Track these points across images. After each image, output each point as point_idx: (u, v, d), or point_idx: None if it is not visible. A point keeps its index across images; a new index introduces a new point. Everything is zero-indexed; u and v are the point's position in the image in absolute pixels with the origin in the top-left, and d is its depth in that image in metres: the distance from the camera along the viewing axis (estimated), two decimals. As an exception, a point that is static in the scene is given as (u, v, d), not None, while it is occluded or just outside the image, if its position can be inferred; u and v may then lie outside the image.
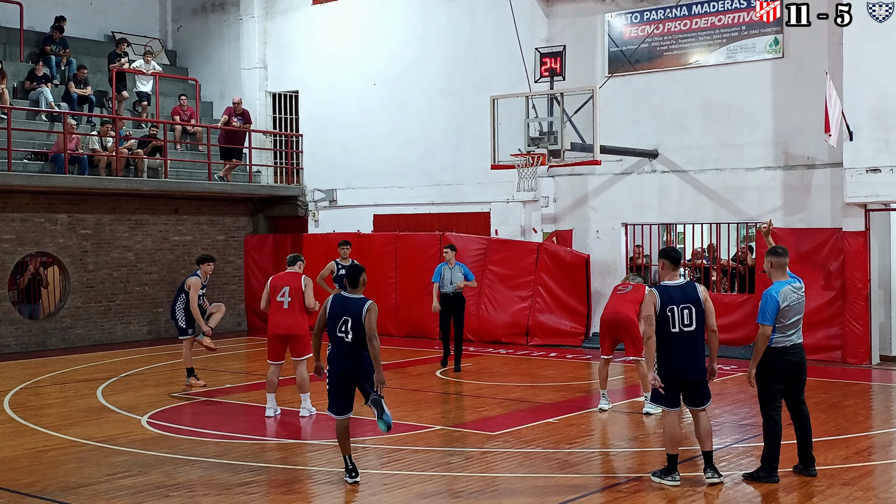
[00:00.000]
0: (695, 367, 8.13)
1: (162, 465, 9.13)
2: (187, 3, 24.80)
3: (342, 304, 8.32)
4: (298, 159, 22.98)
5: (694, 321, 8.08)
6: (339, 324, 8.25)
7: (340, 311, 8.28)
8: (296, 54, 22.84)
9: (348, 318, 8.23)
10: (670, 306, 8.05)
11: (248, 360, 17.95)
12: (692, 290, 8.18)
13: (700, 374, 8.16)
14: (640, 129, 17.98)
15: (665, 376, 8.10)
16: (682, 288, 8.17)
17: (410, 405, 12.11)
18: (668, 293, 8.12)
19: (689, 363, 8.10)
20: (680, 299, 8.08)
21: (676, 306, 8.06)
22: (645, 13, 18.16)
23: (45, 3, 22.46)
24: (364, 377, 8.28)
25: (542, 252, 18.38)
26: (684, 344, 8.06)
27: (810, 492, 7.91)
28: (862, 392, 13.18)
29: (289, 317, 11.41)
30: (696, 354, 8.12)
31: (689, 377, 8.13)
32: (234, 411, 12.14)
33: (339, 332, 8.25)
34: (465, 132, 19.90)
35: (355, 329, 8.20)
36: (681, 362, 8.07)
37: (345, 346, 8.25)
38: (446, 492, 8.19)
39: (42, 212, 18.89)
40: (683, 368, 8.09)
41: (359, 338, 8.20)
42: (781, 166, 16.79)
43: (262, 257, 22.30)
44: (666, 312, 8.04)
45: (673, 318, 8.05)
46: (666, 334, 8.06)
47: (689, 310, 8.07)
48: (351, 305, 8.28)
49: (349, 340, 8.22)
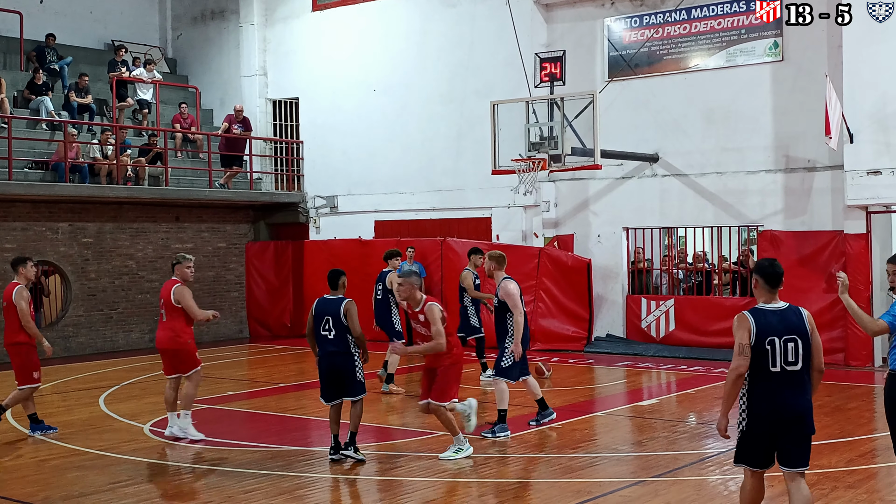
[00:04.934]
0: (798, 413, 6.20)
1: (164, 473, 9.12)
2: (187, 11, 24.83)
3: (324, 305, 9.30)
4: (299, 166, 22.98)
5: (800, 358, 6.16)
6: (322, 323, 9.23)
7: (323, 312, 9.27)
8: (296, 61, 22.86)
9: (329, 318, 9.20)
10: (770, 337, 6.12)
11: (250, 367, 17.94)
12: (797, 317, 6.25)
13: (805, 424, 6.21)
14: (641, 134, 17.98)
15: (756, 422, 6.19)
16: (783, 314, 6.20)
17: (413, 411, 12.09)
18: (765, 320, 6.17)
19: (790, 407, 6.16)
20: (781, 329, 6.14)
21: (778, 338, 6.14)
22: (644, 17, 18.18)
23: (44, 12, 22.49)
24: (345, 377, 9.22)
25: (544, 257, 18.37)
26: (785, 385, 6.15)
27: (815, 495, 7.89)
28: (865, 395, 13.16)
29: (164, 329, 10.50)
30: (800, 400, 6.18)
31: (787, 422, 6.17)
32: (236, 419, 12.12)
33: (323, 331, 9.23)
34: (465, 138, 19.90)
35: (336, 327, 9.16)
36: (779, 404, 6.16)
37: (328, 343, 9.22)
38: (448, 498, 8.17)
39: (43, 220, 18.90)
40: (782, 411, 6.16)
41: (339, 335, 9.18)
42: (782, 169, 16.79)
43: (264, 264, 22.29)
44: (764, 346, 6.10)
45: (773, 354, 6.12)
46: (762, 373, 6.13)
47: (795, 342, 6.14)
48: (330, 305, 9.26)
49: (331, 338, 9.19)
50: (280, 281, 22.09)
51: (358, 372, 9.31)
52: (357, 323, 9.27)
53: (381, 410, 12.32)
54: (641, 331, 17.90)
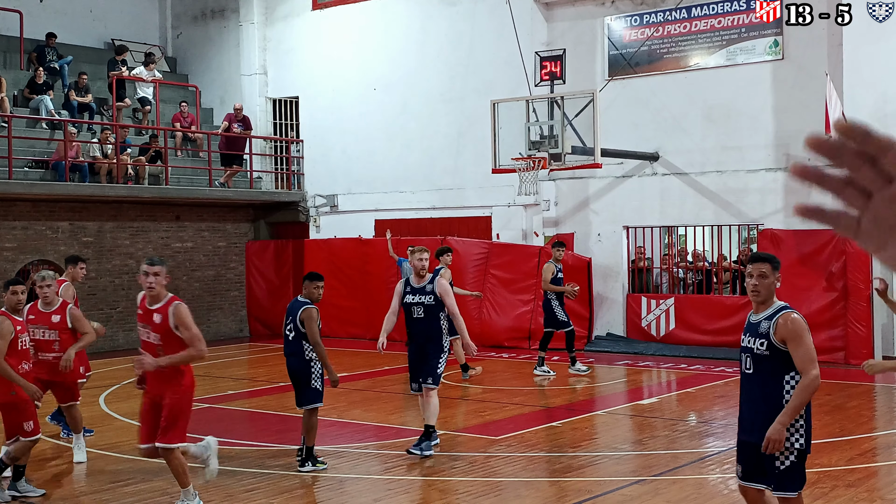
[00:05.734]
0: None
1: (165, 472, 9.10)
2: (187, 10, 24.82)
3: (291, 306, 9.22)
4: (299, 165, 22.98)
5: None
6: (287, 323, 9.13)
7: (288, 313, 9.17)
8: (296, 60, 22.85)
9: (289, 318, 9.07)
10: None
11: (251, 366, 17.94)
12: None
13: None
14: (641, 132, 17.98)
15: (809, 441, 5.52)
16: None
17: (413, 410, 12.09)
18: None
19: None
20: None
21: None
22: (644, 16, 18.17)
23: (44, 11, 22.48)
24: (299, 383, 8.94)
25: (544, 256, 18.36)
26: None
27: (815, 493, 7.89)
28: (865, 393, 13.16)
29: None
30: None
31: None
32: (236, 418, 12.13)
33: (286, 330, 9.13)
34: (465, 137, 19.90)
35: (294, 330, 8.97)
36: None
37: (287, 345, 9.13)
38: (450, 497, 8.17)
39: (43, 220, 18.89)
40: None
41: (296, 338, 8.97)
42: (782, 168, 16.78)
43: (264, 263, 22.29)
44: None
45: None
46: None
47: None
48: (293, 307, 9.12)
49: (290, 339, 9.05)
50: (280, 280, 22.09)
51: (314, 380, 8.85)
52: (315, 332, 8.78)
53: (382, 409, 12.32)
54: (642, 329, 17.91)
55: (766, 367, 5.42)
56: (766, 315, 5.47)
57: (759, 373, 5.46)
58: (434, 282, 9.59)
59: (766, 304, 5.51)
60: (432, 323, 9.51)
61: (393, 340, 16.49)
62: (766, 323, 5.44)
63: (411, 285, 9.63)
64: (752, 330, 5.51)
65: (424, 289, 9.54)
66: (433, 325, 9.51)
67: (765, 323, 5.45)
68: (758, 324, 5.49)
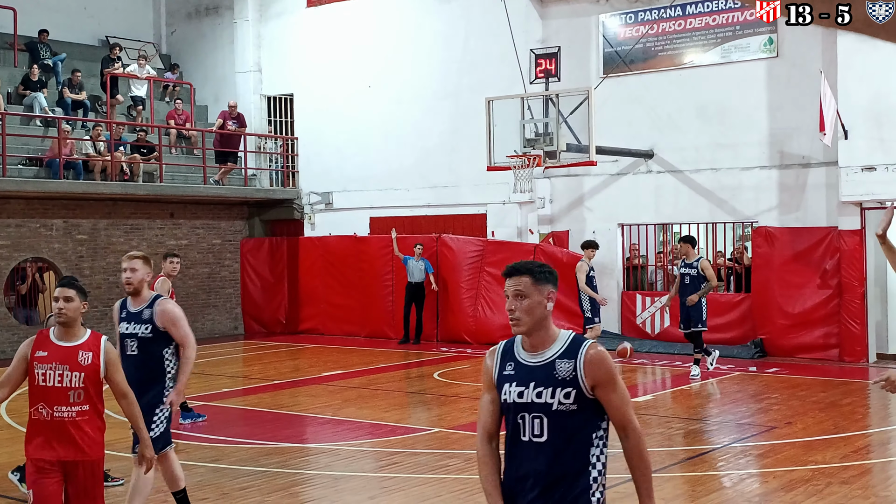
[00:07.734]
0: None
1: (156, 472, 9.09)
2: (181, 7, 24.78)
3: None
4: (294, 162, 22.96)
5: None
6: None
7: None
8: (290, 57, 22.81)
9: None
10: None
11: (245, 363, 17.92)
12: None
13: None
14: (636, 130, 17.99)
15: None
16: None
17: (408, 407, 12.09)
18: None
19: None
20: None
21: None
22: (639, 13, 18.17)
23: (38, 7, 22.42)
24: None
25: (539, 253, 18.36)
26: None
27: (809, 490, 7.91)
28: (859, 390, 13.19)
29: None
30: None
31: None
32: (231, 416, 12.11)
33: None
34: (460, 134, 19.88)
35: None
36: None
37: None
38: (445, 494, 8.17)
39: (37, 217, 18.85)
40: None
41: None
42: (777, 165, 16.81)
43: (259, 261, 22.28)
44: None
45: None
46: None
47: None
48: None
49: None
50: (275, 277, 22.08)
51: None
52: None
53: (377, 407, 12.32)
54: (636, 327, 17.92)
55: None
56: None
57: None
58: (154, 305, 7.12)
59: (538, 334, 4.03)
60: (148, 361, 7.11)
61: (386, 338, 16.68)
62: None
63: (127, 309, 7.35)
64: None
65: (141, 314, 7.15)
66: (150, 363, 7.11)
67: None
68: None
